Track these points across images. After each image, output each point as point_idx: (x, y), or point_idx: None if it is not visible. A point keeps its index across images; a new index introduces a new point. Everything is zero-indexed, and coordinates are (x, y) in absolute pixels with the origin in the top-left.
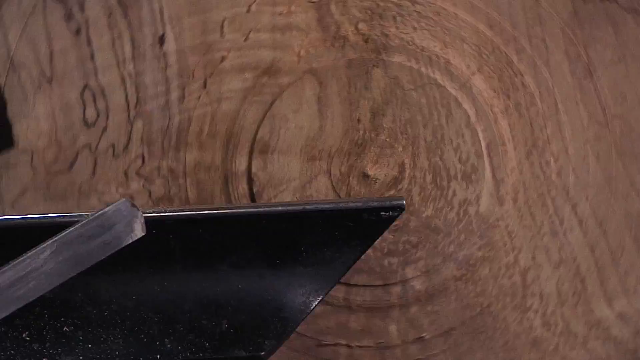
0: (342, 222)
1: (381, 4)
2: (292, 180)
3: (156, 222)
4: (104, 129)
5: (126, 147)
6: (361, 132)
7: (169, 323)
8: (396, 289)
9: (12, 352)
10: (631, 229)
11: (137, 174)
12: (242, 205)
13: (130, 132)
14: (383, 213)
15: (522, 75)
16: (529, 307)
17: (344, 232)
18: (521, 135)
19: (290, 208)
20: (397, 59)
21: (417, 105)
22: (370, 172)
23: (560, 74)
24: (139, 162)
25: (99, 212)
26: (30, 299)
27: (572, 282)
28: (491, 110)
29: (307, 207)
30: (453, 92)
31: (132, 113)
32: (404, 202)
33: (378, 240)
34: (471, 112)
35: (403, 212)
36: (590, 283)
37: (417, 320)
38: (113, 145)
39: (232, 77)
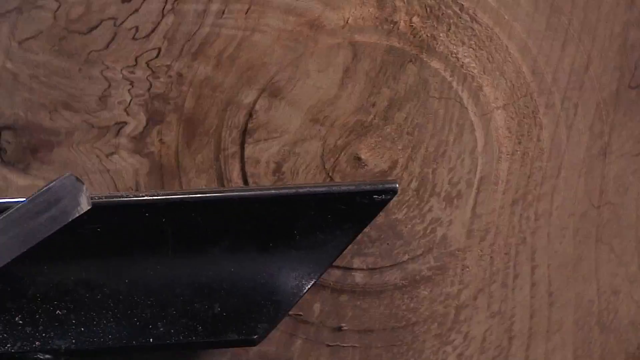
0: (335, 206)
1: (443, 8)
2: (287, 132)
3: (149, 206)
4: (136, 10)
5: (148, 35)
6: (371, 116)
7: (161, 307)
8: (336, 272)
9: (5, 335)
10: (576, 311)
11: (147, 64)
12: (234, 189)
13: (158, 23)
14: (376, 196)
15: (541, 128)
16: (450, 341)
17: (336, 216)
18: (515, 182)
19: (283, 192)
20: (434, 64)
21: (434, 114)
22: (363, 156)
23: (577, 143)
24: (154, 54)
25: (45, 188)
26: None
27: (501, 336)
28: (499, 148)
29: (300, 190)
30: (472, 117)
31: (168, 6)
32: (397, 186)
33: None
34: (480, 143)
35: (396, 195)
36: (516, 345)
37: (342, 309)
38: (137, 28)
39: (276, 14)
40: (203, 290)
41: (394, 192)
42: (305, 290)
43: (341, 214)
